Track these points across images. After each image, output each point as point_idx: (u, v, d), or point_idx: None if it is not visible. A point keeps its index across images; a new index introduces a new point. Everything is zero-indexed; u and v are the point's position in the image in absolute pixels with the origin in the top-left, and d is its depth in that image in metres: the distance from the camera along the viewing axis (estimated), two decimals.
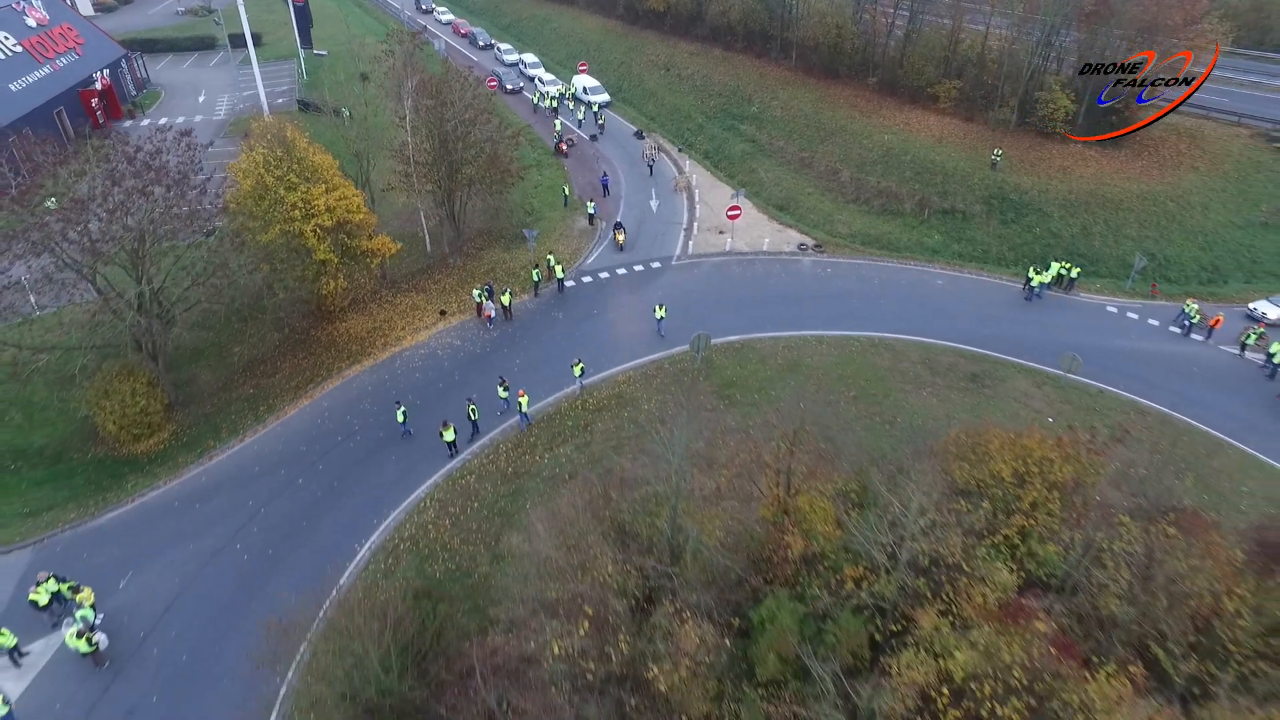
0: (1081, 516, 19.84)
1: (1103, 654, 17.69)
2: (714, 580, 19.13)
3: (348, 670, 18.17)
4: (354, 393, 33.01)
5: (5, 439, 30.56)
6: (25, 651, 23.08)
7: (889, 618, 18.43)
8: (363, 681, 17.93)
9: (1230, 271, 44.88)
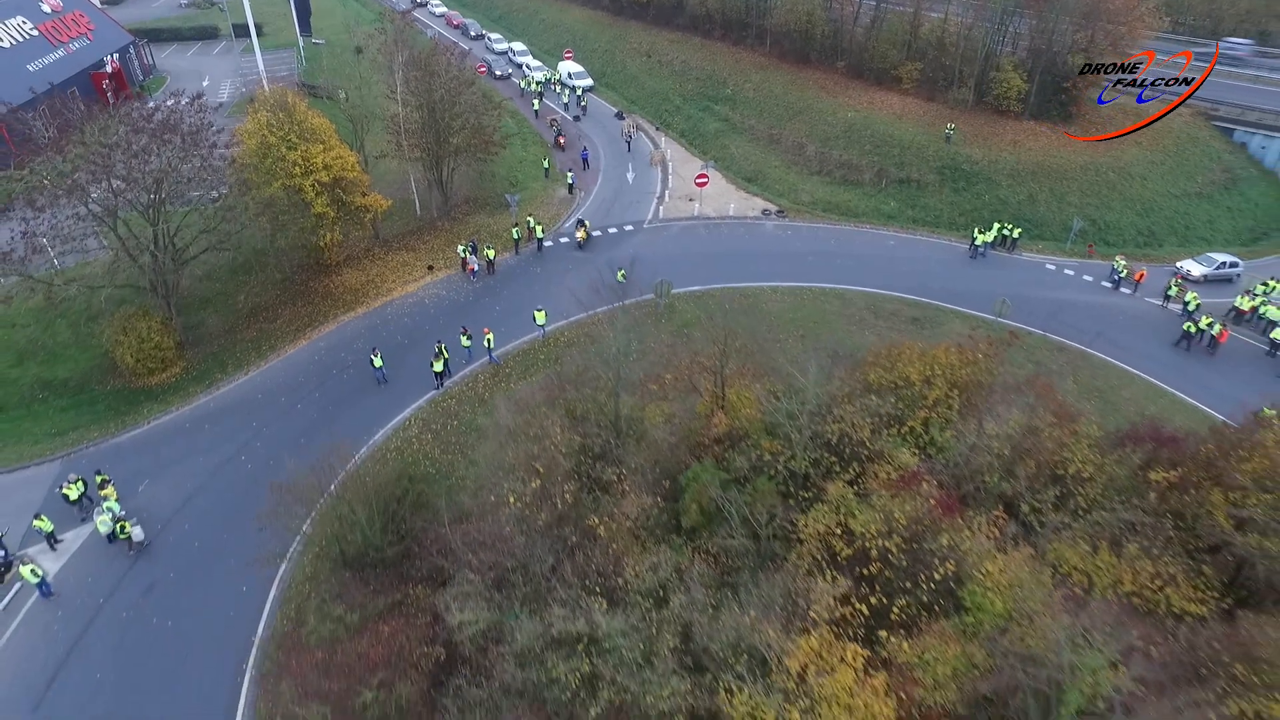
0: (973, 407, 23.11)
1: (978, 509, 20.88)
2: (655, 458, 22.39)
3: (337, 530, 21.43)
4: (348, 334, 36.28)
5: (34, 373, 33.76)
6: (60, 539, 26.33)
7: (801, 485, 21.69)
8: (349, 538, 21.15)
9: (1165, 236, 48.31)
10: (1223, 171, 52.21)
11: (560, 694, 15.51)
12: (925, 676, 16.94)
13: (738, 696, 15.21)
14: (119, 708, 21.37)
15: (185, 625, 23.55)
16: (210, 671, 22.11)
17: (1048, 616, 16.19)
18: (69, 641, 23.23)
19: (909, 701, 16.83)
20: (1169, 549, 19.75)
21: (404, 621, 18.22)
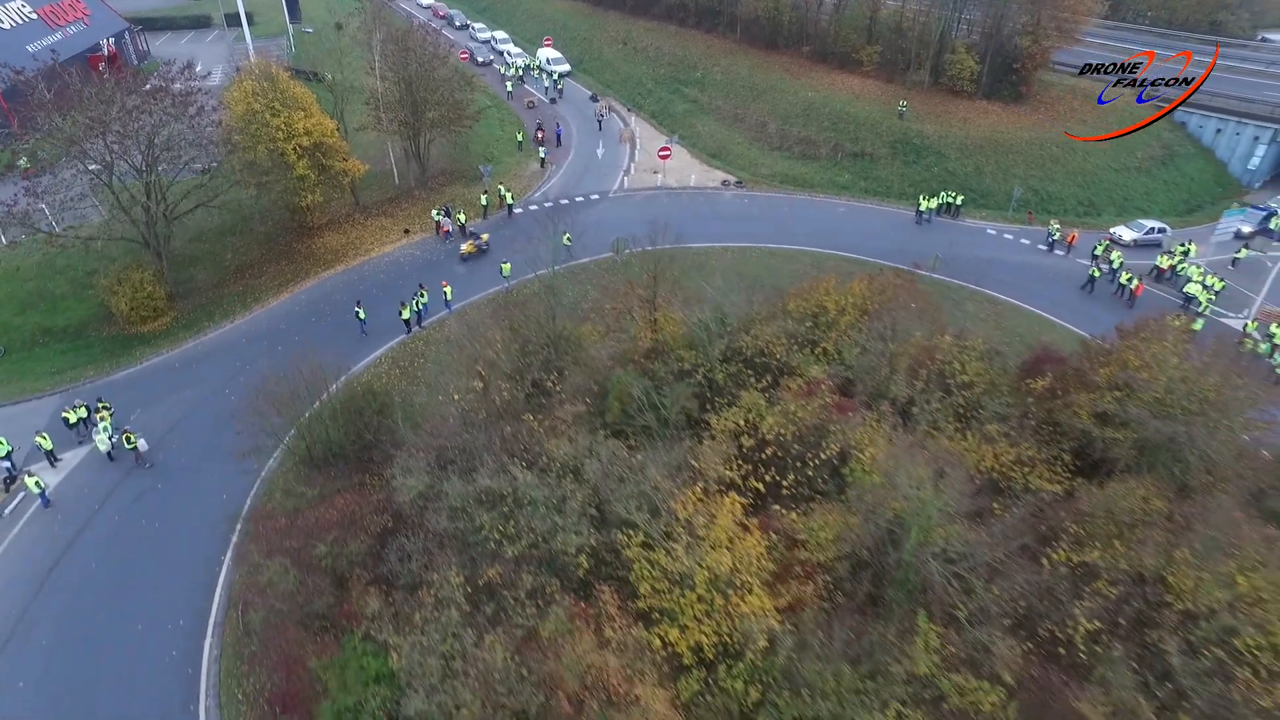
0: (879, 330, 25.84)
1: (874, 410, 23.60)
2: (589, 370, 25.13)
3: (308, 437, 24.14)
4: (328, 288, 39.03)
5: (35, 321, 36.44)
6: (59, 458, 29.03)
7: (718, 393, 24.42)
8: (317, 441, 23.86)
9: (1104, 206, 51.11)
10: (1162, 148, 55.03)
11: (484, 540, 18.24)
12: (810, 541, 19.71)
13: (634, 538, 17.96)
14: (110, 589, 24.08)
15: (171, 526, 26.27)
16: (193, 558, 24.82)
17: (911, 480, 18.92)
18: (67, 539, 25.95)
19: (793, 560, 19.63)
20: (1035, 438, 22.56)
21: (358, 496, 20.95)
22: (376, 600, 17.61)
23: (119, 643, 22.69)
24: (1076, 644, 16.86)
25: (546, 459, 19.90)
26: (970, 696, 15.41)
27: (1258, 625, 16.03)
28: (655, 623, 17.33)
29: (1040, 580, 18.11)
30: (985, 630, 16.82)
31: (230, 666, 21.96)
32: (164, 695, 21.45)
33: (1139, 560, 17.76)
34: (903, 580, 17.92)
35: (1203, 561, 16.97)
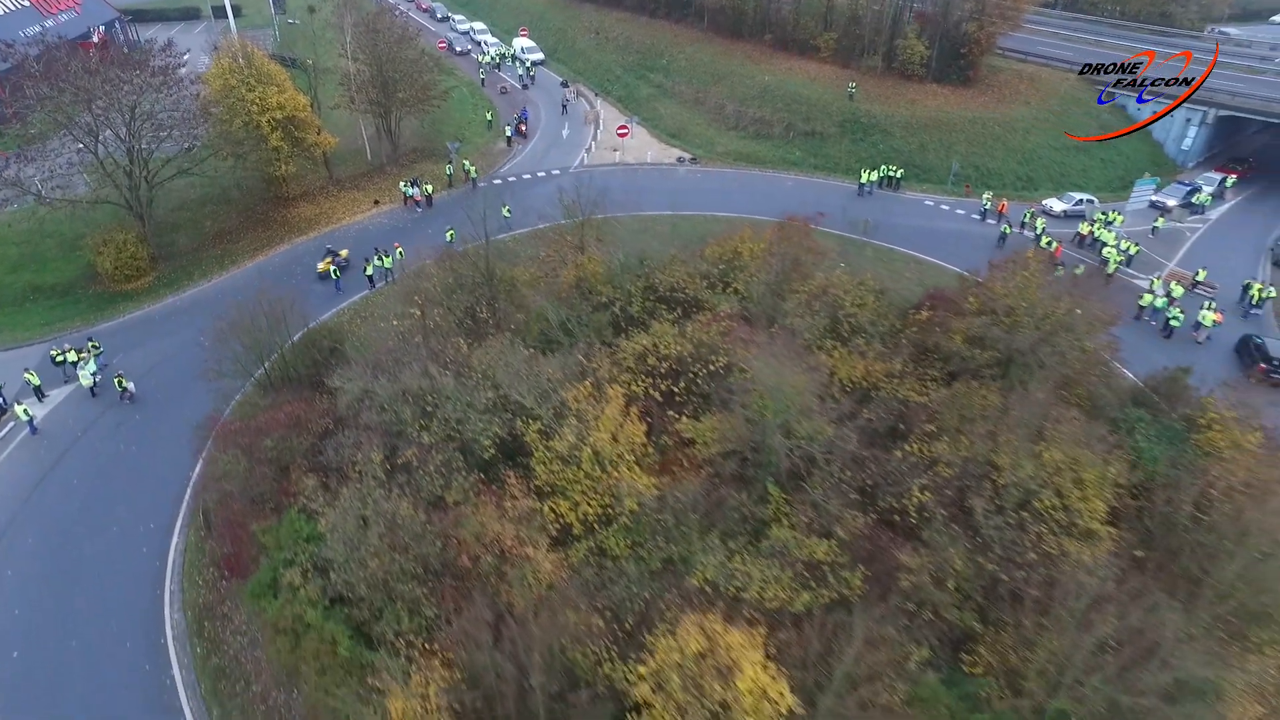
0: (776, 269, 28.70)
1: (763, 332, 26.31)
2: (520, 306, 27.99)
3: (263, 359, 26.99)
4: (300, 252, 41.93)
5: (25, 279, 39.30)
6: (47, 394, 31.86)
7: (634, 323, 27.22)
8: (273, 366, 26.70)
9: (1041, 181, 53.93)
10: (1100, 128, 57.85)
11: (405, 430, 21.08)
12: (698, 439, 22.52)
13: (532, 425, 20.80)
14: (89, 500, 26.92)
15: (147, 449, 29.15)
16: (165, 474, 27.69)
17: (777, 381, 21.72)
18: (51, 460, 28.81)
19: (683, 455, 22.47)
20: (911, 358, 25.41)
21: (305, 405, 23.76)
22: (313, 481, 20.40)
23: (96, 544, 25.53)
24: (909, 512, 19.68)
25: (468, 368, 22.72)
26: (806, 548, 18.18)
27: (1054, 490, 18.85)
28: (549, 497, 20.15)
29: (890, 465, 20.94)
30: (833, 502, 19.61)
31: (193, 558, 24.83)
32: (135, 583, 24.30)
33: (971, 446, 20.56)
34: (767, 463, 20.72)
35: (1019, 442, 19.78)
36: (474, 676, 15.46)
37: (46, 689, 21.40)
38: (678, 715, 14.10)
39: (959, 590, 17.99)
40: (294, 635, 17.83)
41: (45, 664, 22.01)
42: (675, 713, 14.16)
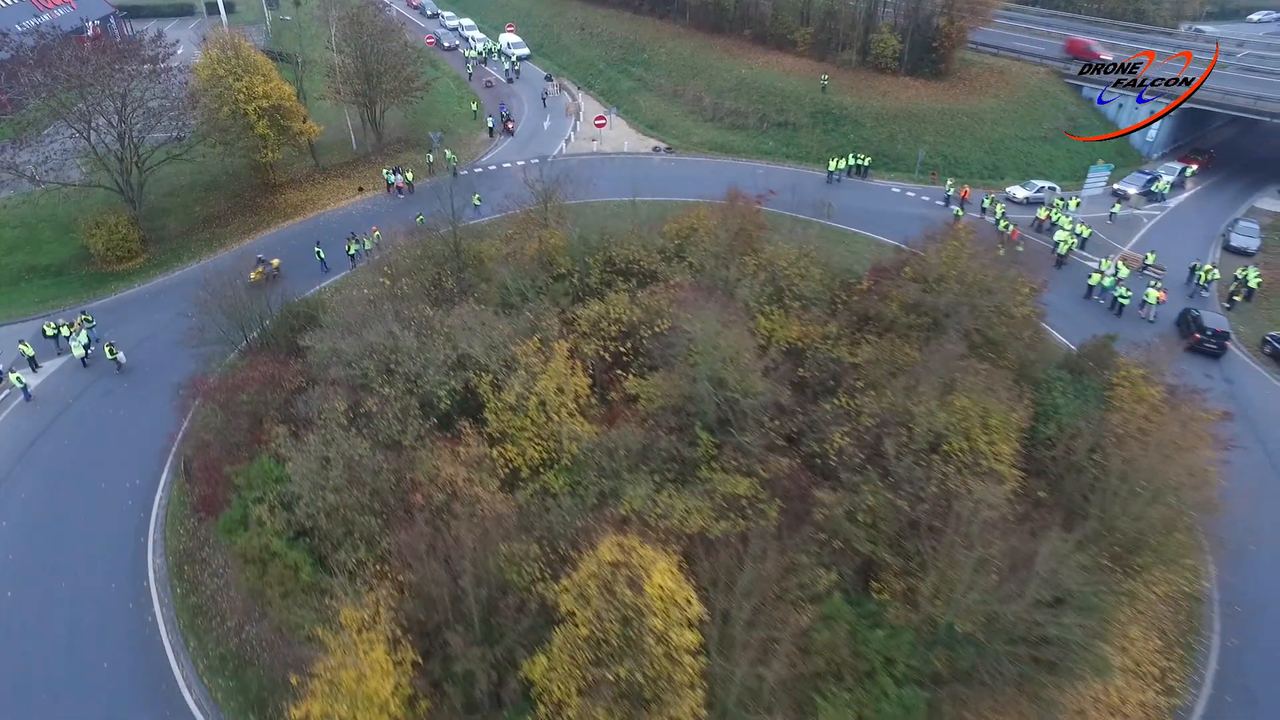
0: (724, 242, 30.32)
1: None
2: (484, 277, 29.67)
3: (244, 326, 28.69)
4: (287, 234, 43.66)
5: (21, 260, 41.02)
6: (40, 365, 33.56)
7: (592, 293, 28.88)
8: (248, 323, 28.48)
9: (1008, 170, 55.58)
10: (1067, 120, 59.51)
11: (368, 382, 22.76)
12: (642, 395, 24.20)
13: (485, 378, 22.49)
14: (79, 459, 28.63)
15: (135, 413, 30.89)
16: (151, 436, 29.28)
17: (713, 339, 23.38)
18: (44, 424, 30.57)
19: (629, 410, 24.14)
20: (847, 323, 27.08)
21: (280, 365, 25.45)
22: (283, 430, 22.06)
23: (85, 497, 27.26)
24: (829, 456, 21.35)
25: (429, 329, 24.40)
26: (729, 485, 19.85)
27: (961, 433, 20.53)
28: (499, 443, 21.83)
29: (816, 415, 22.62)
30: (757, 447, 21.28)
31: (175, 509, 26.54)
32: (121, 532, 26.02)
33: (891, 398, 22.24)
34: (699, 412, 22.38)
35: (932, 392, 21.46)
36: (418, 587, 17.13)
37: (37, 624, 23.11)
38: (596, 621, 15.76)
39: (871, 525, 19.64)
40: (261, 564, 19.52)
41: (36, 603, 23.71)
42: (594, 619, 15.82)
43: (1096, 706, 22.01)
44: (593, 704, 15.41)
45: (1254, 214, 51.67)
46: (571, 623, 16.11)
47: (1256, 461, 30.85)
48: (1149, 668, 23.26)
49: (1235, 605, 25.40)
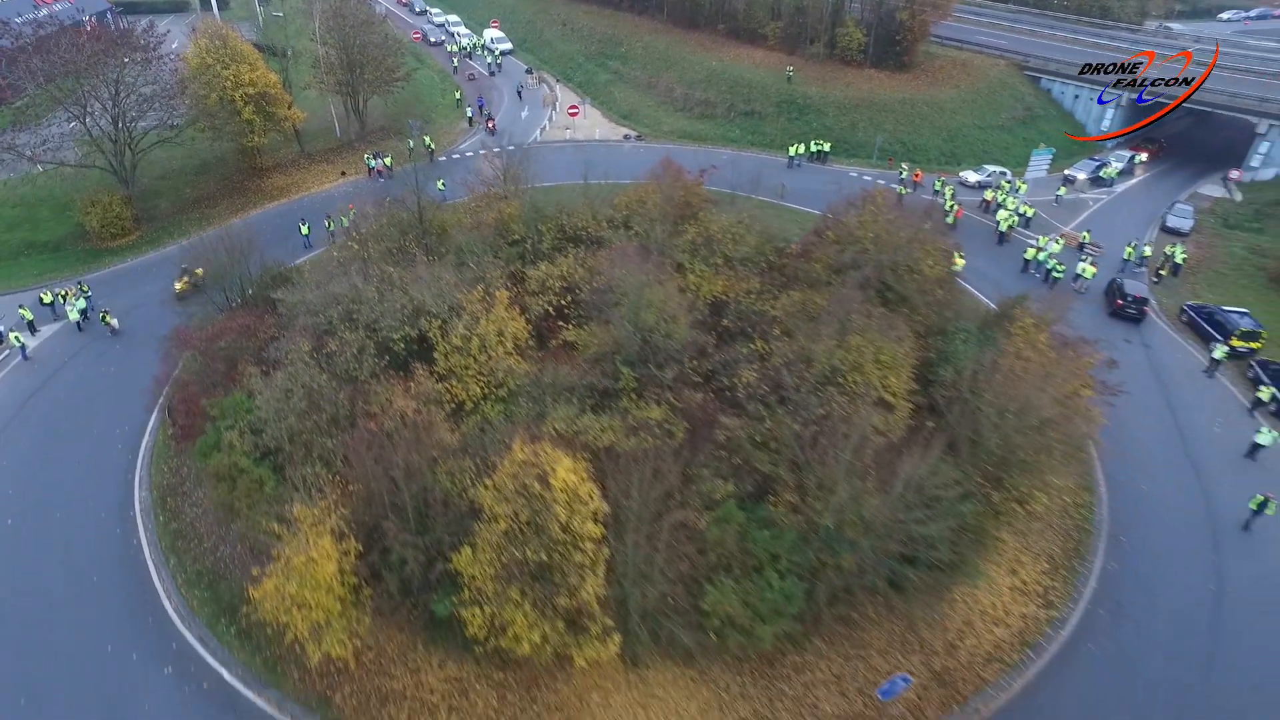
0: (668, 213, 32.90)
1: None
2: (446, 244, 32.28)
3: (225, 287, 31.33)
4: (273, 214, 46.31)
5: (20, 237, 43.71)
6: (38, 329, 36.20)
7: (542, 257, 31.48)
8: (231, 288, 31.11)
9: (964, 156, 58.14)
10: (1025, 109, 62.20)
11: (331, 327, 25.38)
12: (580, 343, 26.79)
13: (434, 323, 25.08)
14: (73, 411, 31.23)
15: (126, 371, 33.40)
16: (140, 390, 31.75)
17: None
18: (41, 380, 33.18)
19: (568, 356, 26.75)
20: (773, 283, 29.66)
21: (255, 318, 28.07)
22: (255, 370, 24.66)
23: (78, 442, 29.85)
24: (737, 389, 23.92)
25: (389, 284, 27.00)
26: (644, 411, 22.42)
27: (854, 368, 23.10)
28: (446, 380, 24.42)
29: (730, 355, 25.20)
30: (673, 380, 23.86)
31: (160, 451, 29.15)
32: (111, 471, 28.61)
33: (799, 341, 24.82)
34: (624, 352, 24.95)
35: (833, 333, 24.05)
36: (362, 490, 19.72)
37: (34, 548, 25.69)
38: (512, 514, 18.32)
39: (769, 447, 22.18)
40: (231, 480, 22.10)
41: (34, 529, 26.30)
42: (510, 514, 18.38)
43: (982, 618, 24.56)
44: (507, 584, 17.97)
45: (1196, 199, 54.23)
46: (491, 517, 18.66)
47: (1161, 413, 33.51)
48: (1034, 587, 25.80)
49: (1121, 536, 27.96)
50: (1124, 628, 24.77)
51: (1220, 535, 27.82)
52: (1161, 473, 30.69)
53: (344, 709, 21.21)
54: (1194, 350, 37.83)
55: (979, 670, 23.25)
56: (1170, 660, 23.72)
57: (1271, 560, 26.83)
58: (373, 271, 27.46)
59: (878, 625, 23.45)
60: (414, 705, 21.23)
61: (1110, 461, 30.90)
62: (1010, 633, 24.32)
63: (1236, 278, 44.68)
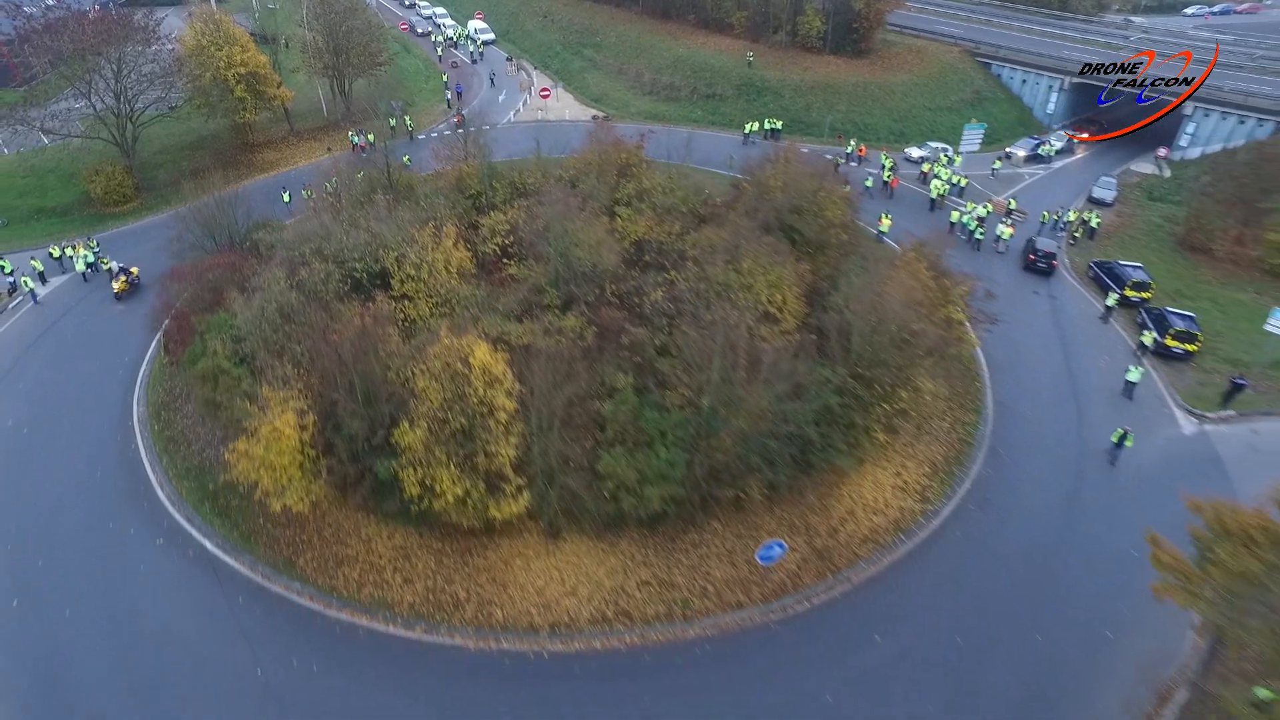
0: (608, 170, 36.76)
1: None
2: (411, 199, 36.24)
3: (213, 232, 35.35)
4: (262, 185, 50.35)
5: (31, 202, 47.83)
6: (48, 280, 40.27)
7: (494, 209, 35.41)
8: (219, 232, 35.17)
9: (913, 135, 61.93)
10: (973, 92, 66.00)
11: (304, 259, 29.33)
12: (520, 275, 30.69)
13: (391, 251, 29.03)
14: (77, 349, 35.26)
15: (128, 315, 37.41)
16: (140, 331, 35.82)
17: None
18: (49, 322, 37.29)
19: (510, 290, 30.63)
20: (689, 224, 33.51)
21: (240, 257, 32.05)
22: (238, 295, 28.62)
23: (84, 370, 33.90)
24: (645, 306, 27.82)
25: (355, 224, 30.97)
26: (562, 321, 26.33)
27: (744, 287, 26.97)
28: (400, 301, 28.36)
29: (643, 281, 29.09)
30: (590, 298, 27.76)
31: (157, 375, 33.16)
32: (113, 392, 32.64)
33: (702, 269, 28.71)
34: (552, 276, 28.87)
35: (729, 258, 27.93)
36: (320, 380, 23.65)
37: (45, 452, 29.69)
38: (439, 390, 22.19)
39: (668, 351, 26.02)
40: (214, 379, 26.05)
41: (46, 437, 30.31)
42: (437, 390, 22.25)
43: (864, 509, 28.37)
44: (435, 444, 21.87)
45: (1128, 174, 57.96)
46: (424, 396, 22.55)
47: (1055, 351, 37.35)
48: (914, 486, 29.61)
49: (1000, 449, 31.75)
50: (988, 517, 28.57)
51: (1084, 455, 31.39)
52: (1046, 401, 34.46)
53: (306, 569, 25.19)
54: (1094, 300, 41.61)
55: (855, 549, 27.08)
56: (1023, 542, 27.49)
57: (1121, 478, 30.35)
58: (343, 215, 31.40)
59: (769, 512, 27.32)
60: (364, 566, 25.20)
61: (1001, 389, 34.81)
62: (887, 520, 28.15)
63: (1148, 242, 48.46)
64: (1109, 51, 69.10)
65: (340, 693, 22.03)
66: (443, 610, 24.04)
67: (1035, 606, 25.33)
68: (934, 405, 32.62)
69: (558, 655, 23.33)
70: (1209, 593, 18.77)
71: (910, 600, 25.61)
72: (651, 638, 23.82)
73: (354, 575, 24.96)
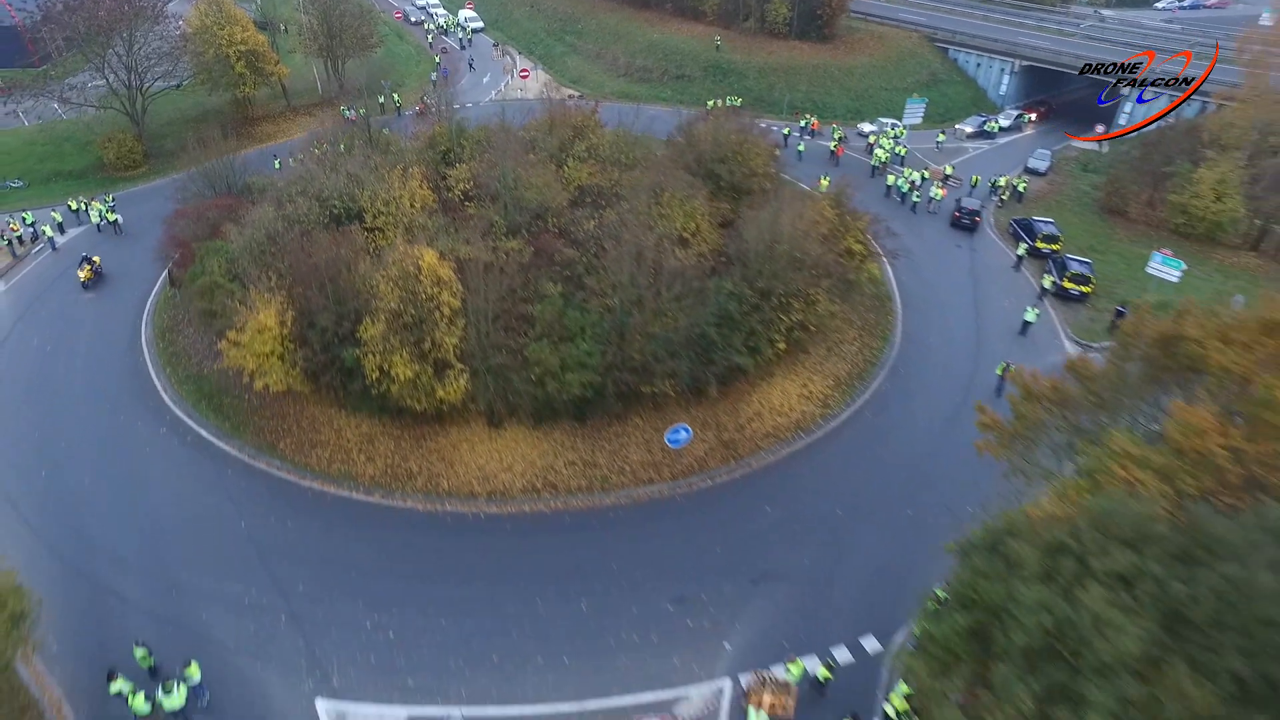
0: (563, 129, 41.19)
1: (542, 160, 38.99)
2: (388, 149, 40.77)
3: (213, 182, 39.99)
4: (260, 153, 55.00)
5: (50, 167, 52.68)
6: (66, 231, 45.04)
7: (460, 161, 39.86)
8: (228, 181, 39.80)
9: (869, 113, 66.14)
10: (929, 74, 70.18)
11: (290, 197, 33.89)
12: (475, 213, 35.10)
13: (365, 190, 33.54)
14: (93, 282, 39.93)
15: (137, 258, 42.02)
16: (148, 270, 40.49)
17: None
18: (65, 266, 41.89)
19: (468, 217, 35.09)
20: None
21: (236, 200, 36.63)
22: (233, 228, 33.18)
23: (99, 302, 38.64)
24: (580, 234, 32.23)
25: (335, 168, 35.49)
26: (507, 244, 30.75)
27: (663, 217, 31.36)
28: (372, 232, 32.84)
29: (580, 215, 33.51)
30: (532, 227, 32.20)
31: (163, 305, 37.83)
32: (124, 319, 37.37)
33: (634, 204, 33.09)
34: (505, 212, 33.31)
35: (651, 193, 32.33)
36: (300, 288, 28.18)
37: (65, 366, 34.36)
38: (395, 291, 26.62)
39: (594, 269, 30.40)
40: (211, 292, 30.57)
41: (66, 355, 34.99)
42: (394, 291, 26.68)
43: (770, 411, 32.65)
44: (391, 332, 26.32)
45: (1069, 149, 62.02)
46: (383, 296, 27.00)
47: (966, 294, 41.57)
48: (818, 395, 33.89)
49: (901, 369, 35.99)
50: (880, 422, 32.84)
51: (975, 380, 35.35)
52: (951, 334, 38.66)
53: (285, 450, 29.72)
54: (1011, 253, 45.79)
55: (758, 442, 31.39)
56: (907, 444, 31.62)
57: (1004, 400, 34.41)
58: (326, 163, 35.97)
59: (685, 411, 31.60)
60: (334, 449, 29.72)
61: (911, 323, 39.05)
62: (790, 421, 32.45)
63: (1073, 206, 52.62)
64: (1060, 39, 73.15)
65: (310, 541, 26.53)
66: (398, 480, 28.54)
67: (910, 490, 29.43)
68: (845, 332, 36.95)
69: (493, 516, 27.79)
70: (1015, 444, 22.98)
71: (801, 482, 29.91)
72: (573, 504, 28.24)
73: (325, 455, 29.47)
